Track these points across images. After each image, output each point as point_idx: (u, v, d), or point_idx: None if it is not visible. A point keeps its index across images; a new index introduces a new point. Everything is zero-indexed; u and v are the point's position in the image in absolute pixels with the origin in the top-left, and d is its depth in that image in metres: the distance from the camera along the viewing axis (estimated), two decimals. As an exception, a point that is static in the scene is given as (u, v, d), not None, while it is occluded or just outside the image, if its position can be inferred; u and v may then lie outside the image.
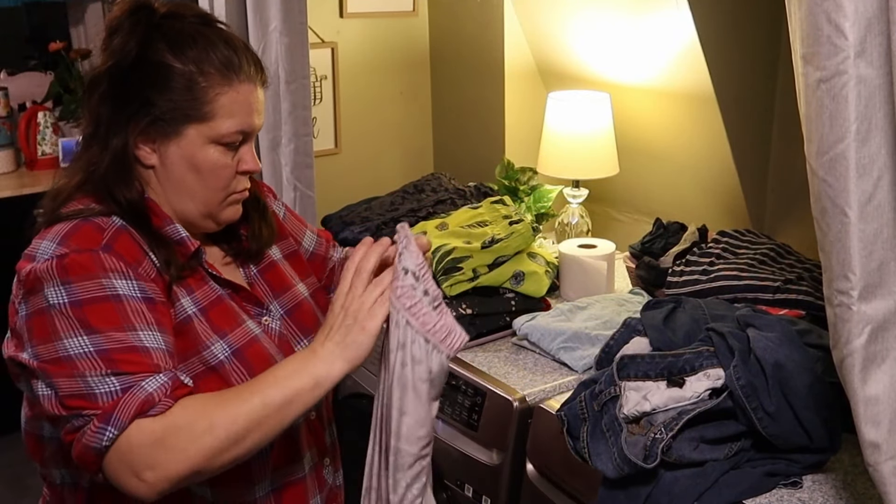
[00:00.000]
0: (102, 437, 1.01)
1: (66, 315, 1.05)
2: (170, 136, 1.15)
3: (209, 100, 1.15)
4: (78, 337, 1.04)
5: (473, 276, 1.86)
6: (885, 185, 1.01)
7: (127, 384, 1.02)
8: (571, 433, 1.38)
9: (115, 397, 1.02)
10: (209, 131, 1.16)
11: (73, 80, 3.56)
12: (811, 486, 1.29)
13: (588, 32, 2.28)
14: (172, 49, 1.14)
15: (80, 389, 1.03)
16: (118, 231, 1.13)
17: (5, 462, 3.17)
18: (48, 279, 1.07)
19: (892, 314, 1.04)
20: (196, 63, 1.14)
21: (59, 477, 1.20)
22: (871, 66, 0.97)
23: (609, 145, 2.24)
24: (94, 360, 1.03)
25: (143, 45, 1.14)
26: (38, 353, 1.05)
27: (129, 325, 1.06)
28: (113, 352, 1.04)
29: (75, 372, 1.03)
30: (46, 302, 1.06)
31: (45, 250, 1.10)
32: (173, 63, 1.14)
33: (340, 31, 2.65)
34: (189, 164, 1.17)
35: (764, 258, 1.82)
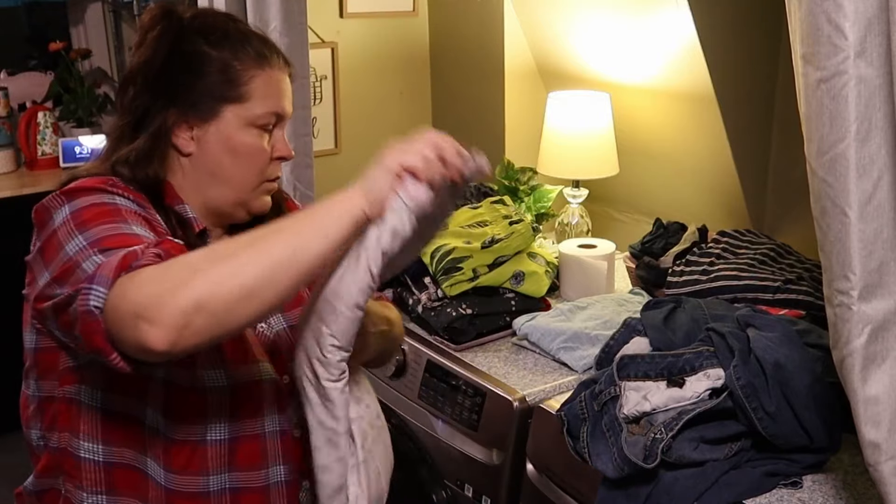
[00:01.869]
0: (90, 299, 0.95)
1: (69, 226, 1.06)
2: (208, 120, 1.19)
3: (244, 81, 1.19)
4: (75, 239, 1.04)
5: (473, 276, 1.85)
6: (885, 185, 1.01)
7: (112, 255, 0.99)
8: (571, 433, 1.38)
9: (100, 265, 0.98)
10: (245, 112, 1.20)
11: (73, 80, 3.56)
12: (811, 486, 1.29)
13: (588, 32, 2.28)
14: (207, 39, 1.20)
15: (76, 277, 1.00)
16: (127, 185, 1.17)
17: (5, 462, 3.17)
18: (55, 206, 1.10)
19: (892, 314, 1.04)
20: (231, 50, 1.20)
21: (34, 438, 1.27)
22: (871, 66, 0.97)
23: (609, 145, 2.24)
24: (85, 250, 1.02)
25: (179, 38, 1.20)
26: (50, 271, 1.06)
27: (121, 219, 1.08)
28: (103, 239, 1.03)
29: (72, 267, 1.01)
30: (54, 224, 1.08)
31: (53, 193, 1.13)
32: (209, 50, 1.19)
33: (340, 31, 2.65)
34: (226, 147, 1.20)
35: (764, 258, 1.82)
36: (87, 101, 3.58)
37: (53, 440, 1.21)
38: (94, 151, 3.46)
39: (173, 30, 1.20)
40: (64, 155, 3.45)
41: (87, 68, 3.73)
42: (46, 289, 1.06)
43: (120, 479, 1.18)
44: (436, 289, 1.87)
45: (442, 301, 1.86)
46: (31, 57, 3.88)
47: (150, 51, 1.19)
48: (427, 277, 1.89)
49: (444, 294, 1.85)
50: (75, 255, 1.02)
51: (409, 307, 1.92)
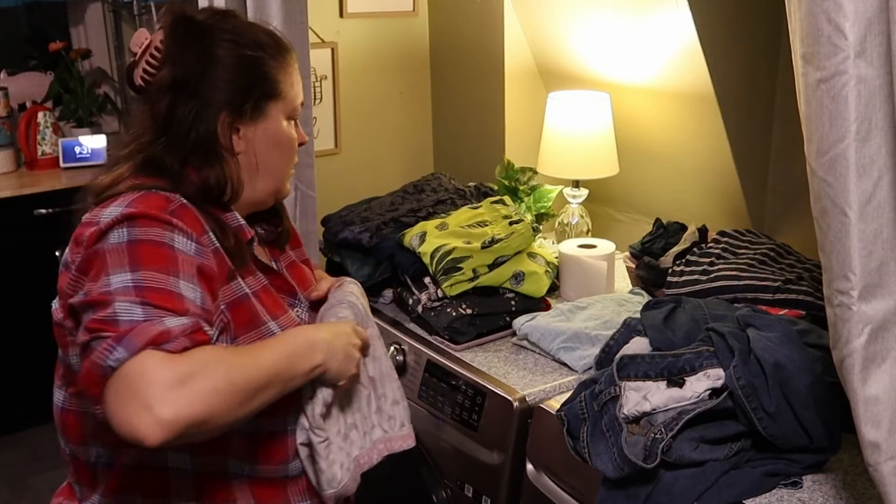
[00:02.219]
0: (110, 356, 0.97)
1: (121, 251, 1.07)
2: (257, 120, 1.27)
3: (279, 78, 1.28)
4: (123, 273, 1.05)
5: (473, 276, 1.86)
6: (885, 185, 1.01)
7: (150, 317, 1.01)
8: (571, 433, 1.38)
9: (135, 325, 1.00)
10: (285, 106, 1.30)
11: (73, 80, 3.56)
12: (811, 486, 1.29)
13: (588, 32, 2.28)
14: (233, 40, 1.25)
15: (107, 315, 1.02)
16: (183, 205, 1.18)
17: (5, 462, 3.17)
18: (114, 227, 1.10)
19: (892, 314, 1.04)
20: (258, 47, 1.27)
21: (94, 455, 1.22)
22: (871, 66, 0.98)
23: (609, 145, 2.24)
24: (128, 292, 1.03)
25: (206, 44, 1.24)
26: (87, 289, 1.07)
27: (174, 271, 1.08)
28: (148, 290, 1.04)
29: (109, 301, 1.03)
30: (107, 243, 1.09)
31: (112, 212, 1.12)
32: (240, 51, 1.25)
33: (340, 31, 2.65)
34: (273, 142, 1.29)
35: (764, 258, 1.82)
36: (87, 101, 3.58)
37: (127, 456, 1.19)
38: (95, 151, 3.46)
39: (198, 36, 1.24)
40: (64, 155, 3.45)
41: (87, 68, 3.73)
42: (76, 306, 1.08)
43: (207, 483, 1.21)
44: (436, 289, 1.87)
45: (442, 301, 1.86)
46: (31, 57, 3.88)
47: (188, 60, 1.23)
48: (427, 277, 1.89)
49: (444, 294, 1.85)
50: (115, 291, 1.04)
51: (409, 307, 1.92)
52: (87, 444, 1.22)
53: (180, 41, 1.24)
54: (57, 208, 3.19)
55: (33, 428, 3.34)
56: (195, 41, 1.24)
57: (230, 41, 1.25)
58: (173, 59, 1.24)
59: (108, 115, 3.74)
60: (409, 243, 1.92)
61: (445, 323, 1.81)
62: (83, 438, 1.22)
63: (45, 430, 3.33)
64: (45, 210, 3.17)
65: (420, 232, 1.93)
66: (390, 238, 1.98)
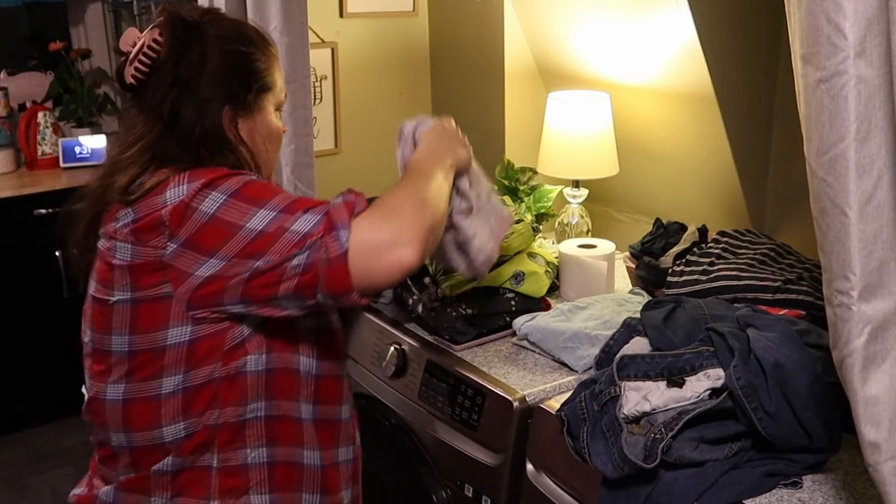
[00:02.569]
0: (337, 242, 1.10)
1: (237, 206, 1.16)
2: (253, 112, 1.33)
3: (269, 71, 1.35)
4: (255, 213, 1.15)
5: (473, 276, 1.86)
6: (885, 185, 1.01)
7: (321, 210, 1.15)
8: (571, 433, 1.38)
9: (322, 218, 1.13)
10: (275, 98, 1.37)
11: (73, 80, 3.56)
12: (811, 486, 1.29)
13: (588, 32, 2.28)
14: (229, 39, 1.31)
15: (290, 240, 1.13)
16: None
17: (5, 462, 3.17)
18: (198, 198, 1.17)
19: (892, 314, 1.04)
20: (248, 43, 1.33)
21: (169, 434, 1.25)
22: (871, 66, 0.97)
23: (609, 145, 2.24)
24: (282, 216, 1.14)
25: (205, 43, 1.28)
26: (226, 254, 1.15)
27: (282, 190, 1.21)
28: (292, 204, 1.16)
29: (273, 237, 1.13)
30: (208, 213, 1.16)
31: (178, 191, 1.19)
32: (234, 48, 1.31)
33: (340, 31, 2.65)
34: (267, 133, 1.36)
35: (764, 258, 1.82)
36: (87, 101, 3.58)
37: (208, 420, 1.26)
38: (95, 151, 3.46)
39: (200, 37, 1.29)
40: (64, 155, 3.45)
41: (87, 68, 3.73)
42: (229, 269, 1.15)
43: (279, 429, 1.30)
44: (436, 289, 1.87)
45: (442, 301, 1.86)
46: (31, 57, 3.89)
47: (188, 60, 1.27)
48: (427, 277, 1.89)
49: (444, 294, 1.85)
50: (269, 227, 1.14)
51: (409, 307, 1.92)
52: (162, 425, 1.25)
53: (179, 41, 1.27)
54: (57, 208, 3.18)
55: (33, 428, 3.34)
56: (192, 41, 1.28)
57: (223, 38, 1.30)
58: (173, 58, 1.27)
59: (108, 115, 3.74)
60: (409, 243, 1.92)
61: (445, 323, 1.81)
62: (160, 420, 1.25)
63: (45, 430, 3.35)
64: (45, 210, 3.17)
65: (420, 232, 1.92)
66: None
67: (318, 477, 1.36)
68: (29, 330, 3.24)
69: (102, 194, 1.28)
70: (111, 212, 1.26)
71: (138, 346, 1.23)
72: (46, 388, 3.28)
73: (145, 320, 1.22)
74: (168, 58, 1.27)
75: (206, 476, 1.27)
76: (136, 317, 1.23)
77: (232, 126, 1.30)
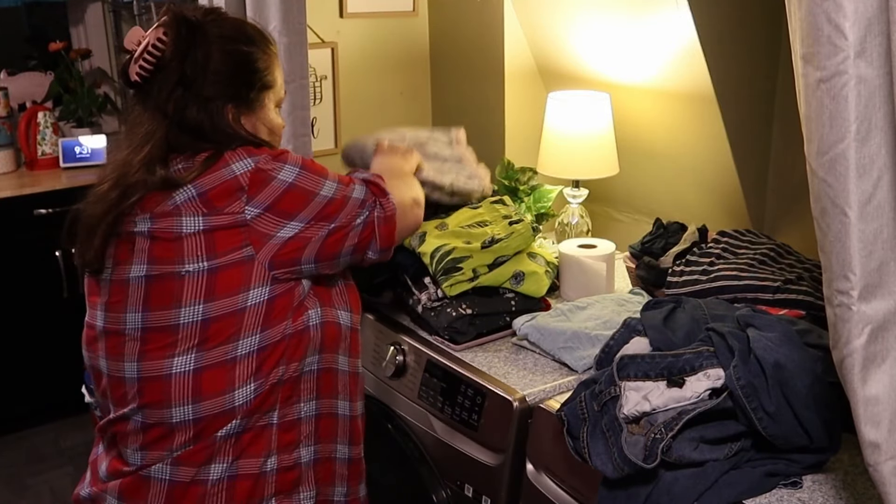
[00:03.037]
0: (389, 203, 1.44)
1: (310, 178, 1.35)
2: (255, 109, 1.41)
3: (270, 69, 1.42)
4: (325, 183, 1.37)
5: (473, 277, 1.86)
6: (885, 185, 1.01)
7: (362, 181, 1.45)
8: (571, 433, 1.38)
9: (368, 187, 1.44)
10: (275, 95, 1.45)
11: (73, 80, 3.56)
12: (811, 486, 1.29)
13: (588, 32, 2.28)
14: (232, 39, 1.37)
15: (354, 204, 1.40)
16: None
17: (5, 462, 3.17)
18: (275, 168, 1.32)
19: (892, 314, 1.04)
20: (251, 42, 1.40)
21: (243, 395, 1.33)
22: (871, 66, 0.97)
23: (609, 145, 2.24)
24: (341, 186, 1.39)
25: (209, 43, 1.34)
26: (305, 216, 1.34)
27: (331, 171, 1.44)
28: (344, 178, 1.43)
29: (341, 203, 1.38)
30: (286, 181, 1.32)
31: (243, 164, 1.31)
32: (238, 47, 1.37)
33: (340, 31, 2.65)
34: (268, 129, 1.45)
35: (764, 258, 1.82)
36: (87, 101, 3.58)
37: (275, 378, 1.36)
38: (95, 151, 3.46)
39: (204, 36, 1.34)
40: (64, 155, 3.45)
41: (87, 68, 3.73)
42: (308, 230, 1.34)
43: (324, 381, 1.45)
44: (436, 289, 1.87)
45: (442, 301, 1.86)
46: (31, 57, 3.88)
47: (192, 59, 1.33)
48: (427, 277, 1.89)
49: (443, 294, 1.85)
50: (336, 194, 1.38)
51: (408, 307, 1.92)
52: (235, 388, 1.31)
53: (183, 40, 1.32)
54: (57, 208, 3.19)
55: (33, 428, 3.34)
56: (196, 40, 1.32)
57: (226, 38, 1.36)
58: (177, 57, 1.32)
59: (108, 115, 3.74)
60: (408, 243, 1.92)
61: (445, 323, 1.81)
62: (229, 385, 1.30)
63: (45, 430, 3.35)
64: (45, 210, 3.17)
65: (419, 232, 1.93)
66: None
67: (348, 427, 1.51)
68: (29, 330, 3.24)
69: (119, 199, 1.30)
70: (152, 198, 1.30)
71: (214, 313, 1.29)
72: (46, 388, 3.28)
73: (225, 285, 1.28)
74: (172, 56, 1.31)
75: (266, 434, 1.35)
76: (213, 283, 1.28)
77: (236, 122, 1.37)
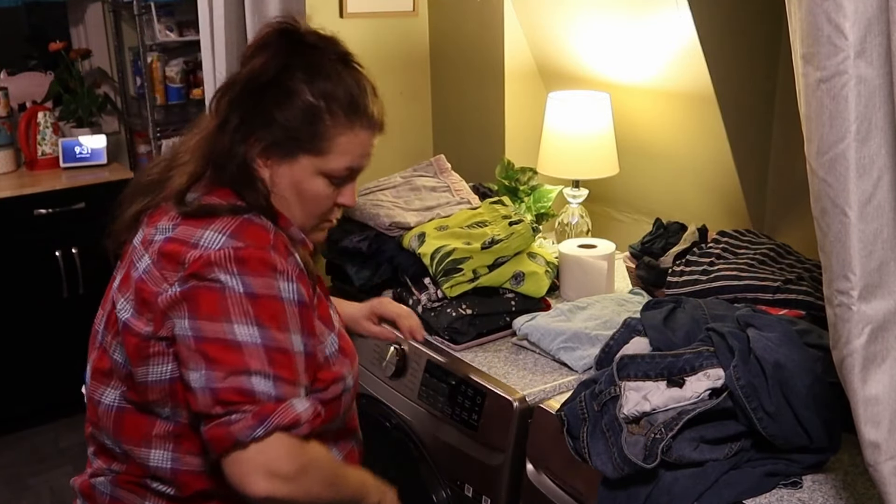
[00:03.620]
0: (251, 433, 1.09)
1: (240, 302, 1.12)
2: (283, 159, 1.23)
3: (329, 137, 1.23)
4: (249, 326, 1.12)
5: (473, 277, 1.86)
6: (885, 185, 1.01)
7: (281, 396, 1.12)
8: (571, 433, 1.38)
9: (271, 402, 1.11)
10: (321, 164, 1.24)
11: (73, 80, 3.56)
12: (811, 486, 1.29)
13: (588, 32, 2.28)
14: (308, 79, 1.22)
15: (242, 385, 1.10)
16: (276, 233, 1.21)
17: (5, 462, 3.17)
18: (224, 265, 1.13)
19: (892, 314, 1.04)
20: (325, 98, 1.22)
21: (160, 459, 1.23)
22: (871, 66, 0.98)
23: (609, 145, 2.24)
24: (259, 354, 1.11)
25: (282, 68, 1.21)
26: (203, 330, 1.12)
27: (286, 326, 1.15)
28: (274, 351, 1.13)
29: (240, 363, 1.11)
30: (220, 283, 1.13)
31: (215, 240, 1.16)
32: (304, 93, 1.21)
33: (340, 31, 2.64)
34: (295, 189, 1.25)
35: (764, 258, 1.82)
36: (87, 101, 3.58)
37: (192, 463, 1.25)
38: (95, 151, 3.47)
39: (282, 56, 1.22)
40: (64, 155, 3.45)
41: (87, 68, 3.73)
42: (186, 344, 1.13)
43: None
44: (436, 289, 1.87)
45: (442, 301, 1.86)
46: (31, 57, 3.88)
47: (254, 73, 1.22)
48: (427, 278, 1.89)
49: (443, 294, 1.85)
50: (246, 348, 1.11)
51: (409, 307, 1.92)
52: (150, 446, 1.24)
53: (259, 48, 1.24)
54: (57, 208, 3.20)
55: (33, 428, 3.34)
56: (271, 59, 1.22)
57: (303, 78, 1.22)
58: (246, 64, 1.24)
59: (108, 115, 3.74)
60: (408, 244, 1.92)
61: (445, 323, 1.81)
62: (142, 439, 1.24)
63: (45, 430, 3.35)
64: (45, 210, 3.17)
65: (419, 233, 1.93)
66: (390, 240, 1.98)
67: None
68: (29, 330, 3.24)
69: (158, 185, 1.27)
70: (160, 211, 1.25)
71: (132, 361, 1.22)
72: (46, 388, 3.28)
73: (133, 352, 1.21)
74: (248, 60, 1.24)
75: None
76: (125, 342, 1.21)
77: (258, 156, 1.23)
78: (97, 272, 3.29)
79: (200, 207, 1.21)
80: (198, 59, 3.28)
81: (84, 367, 1.32)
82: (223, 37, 2.07)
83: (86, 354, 1.33)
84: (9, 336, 3.21)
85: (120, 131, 3.77)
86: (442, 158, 2.35)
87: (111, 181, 3.34)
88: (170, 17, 3.38)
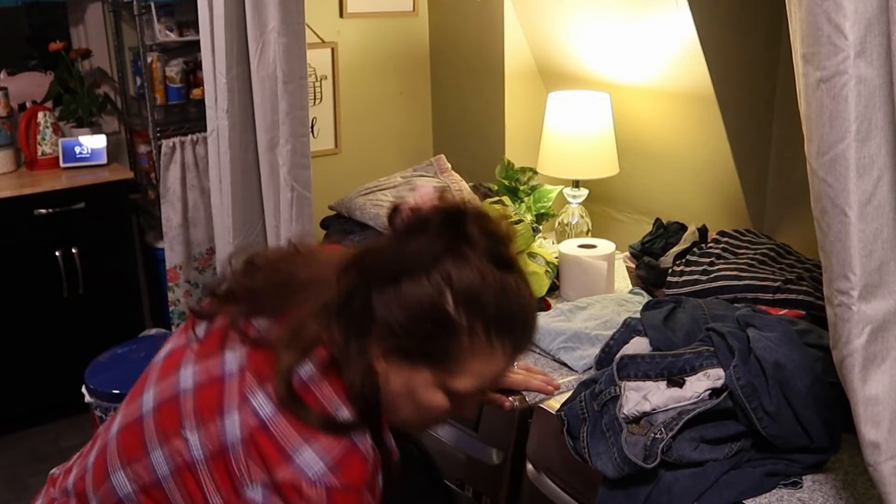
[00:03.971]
0: None
1: None
2: (403, 364, 1.09)
3: (462, 359, 1.07)
4: None
5: (473, 276, 1.85)
6: (885, 185, 1.01)
7: None
8: (571, 433, 1.38)
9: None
10: (445, 381, 1.09)
11: (73, 80, 3.56)
12: (811, 486, 1.29)
13: (588, 32, 2.28)
14: (454, 291, 1.05)
15: None
16: (376, 460, 1.10)
17: (5, 462, 3.17)
18: (314, 490, 1.03)
19: (892, 314, 1.04)
20: (469, 318, 1.06)
21: None
22: (871, 66, 0.98)
23: (609, 145, 2.24)
24: None
25: (431, 266, 1.05)
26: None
27: None
28: None
29: None
30: (306, 495, 1.02)
31: (313, 465, 1.05)
32: (446, 305, 1.05)
33: (340, 31, 2.65)
34: (410, 396, 1.11)
35: (764, 258, 1.82)
36: (87, 101, 3.58)
37: None
38: (95, 151, 3.46)
39: (436, 253, 1.05)
40: (64, 155, 3.45)
41: (87, 68, 3.73)
42: None
43: None
44: (436, 289, 1.87)
45: (442, 301, 1.86)
46: (31, 57, 3.88)
47: (400, 256, 1.06)
48: (427, 277, 1.89)
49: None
50: None
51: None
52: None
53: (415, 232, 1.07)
54: (57, 208, 3.19)
55: (33, 428, 3.34)
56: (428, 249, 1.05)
57: (443, 279, 1.04)
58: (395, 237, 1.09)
59: (108, 115, 3.74)
60: (409, 243, 1.92)
61: (445, 323, 1.81)
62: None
63: (45, 430, 3.34)
64: (45, 210, 3.17)
65: (420, 232, 1.93)
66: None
67: None
68: (29, 330, 3.24)
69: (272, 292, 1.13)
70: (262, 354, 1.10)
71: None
72: (46, 388, 3.28)
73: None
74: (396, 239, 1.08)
75: None
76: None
77: (376, 351, 1.08)
78: (97, 272, 3.29)
79: (304, 406, 1.07)
80: (198, 59, 3.28)
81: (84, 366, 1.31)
82: (223, 37, 2.08)
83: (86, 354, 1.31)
84: (9, 336, 3.21)
85: (120, 131, 3.76)
86: (442, 158, 2.35)
87: (111, 181, 3.33)
88: (170, 17, 3.38)
